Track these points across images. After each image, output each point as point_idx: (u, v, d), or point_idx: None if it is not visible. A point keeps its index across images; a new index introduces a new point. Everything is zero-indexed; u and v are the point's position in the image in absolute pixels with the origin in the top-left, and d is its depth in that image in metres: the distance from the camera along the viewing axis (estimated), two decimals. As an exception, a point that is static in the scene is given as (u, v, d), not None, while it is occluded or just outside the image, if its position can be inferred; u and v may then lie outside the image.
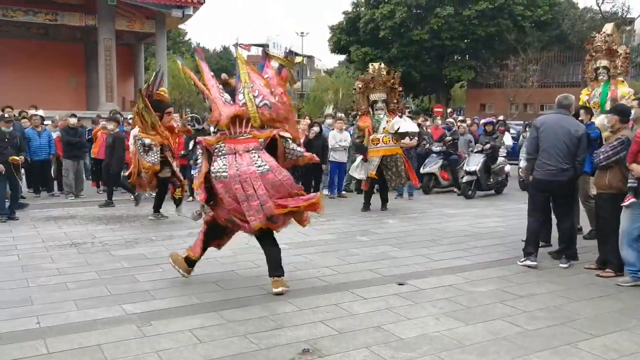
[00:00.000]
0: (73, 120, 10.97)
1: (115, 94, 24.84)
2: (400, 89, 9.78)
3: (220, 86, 5.23)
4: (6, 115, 9.46)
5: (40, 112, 11.86)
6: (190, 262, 5.37)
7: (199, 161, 5.32)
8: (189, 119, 11.31)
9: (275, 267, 5.06)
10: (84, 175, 11.44)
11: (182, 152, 10.01)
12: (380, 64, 9.97)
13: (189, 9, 24.91)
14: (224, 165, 4.94)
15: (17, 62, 24.98)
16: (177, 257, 5.43)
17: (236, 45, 7.02)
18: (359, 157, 9.82)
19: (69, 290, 5.12)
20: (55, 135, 11.19)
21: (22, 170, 10.01)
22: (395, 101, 9.74)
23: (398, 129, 9.43)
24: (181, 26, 37.83)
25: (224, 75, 5.40)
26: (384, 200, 9.80)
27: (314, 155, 5.47)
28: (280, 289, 4.96)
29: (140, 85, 26.90)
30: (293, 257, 6.33)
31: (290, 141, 5.15)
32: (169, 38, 29.05)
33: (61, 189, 11.26)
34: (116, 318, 4.41)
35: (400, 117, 9.62)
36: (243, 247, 6.81)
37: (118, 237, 7.38)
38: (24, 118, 11.00)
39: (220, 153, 5.02)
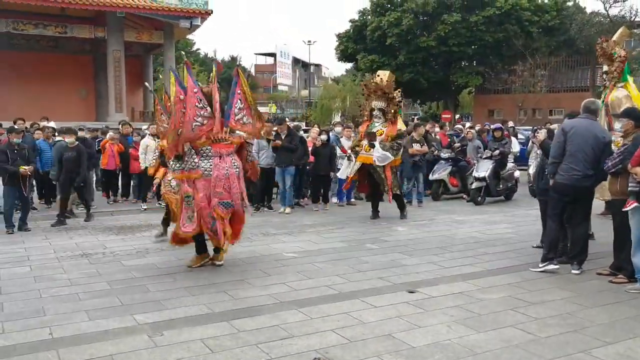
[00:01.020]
0: (80, 134, 11.03)
1: (124, 104, 25.09)
2: (398, 99, 9.57)
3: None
4: (16, 126, 9.59)
5: (52, 124, 11.96)
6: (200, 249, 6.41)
7: (192, 161, 6.10)
8: None
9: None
10: (94, 186, 11.49)
11: None
12: (374, 74, 10.02)
13: (196, 19, 25.16)
14: (210, 166, 6.02)
15: (28, 74, 25.32)
16: (193, 260, 6.36)
17: (237, 69, 7.51)
18: (345, 159, 9.94)
19: (81, 300, 5.15)
20: (65, 146, 11.27)
21: (34, 182, 10.11)
22: (392, 111, 9.52)
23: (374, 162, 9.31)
24: (189, 36, 38.09)
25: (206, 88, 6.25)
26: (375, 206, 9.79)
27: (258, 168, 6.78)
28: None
29: (148, 96, 27.15)
30: (303, 266, 6.34)
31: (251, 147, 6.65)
32: (177, 49, 29.27)
33: (72, 199, 11.32)
34: (128, 328, 4.43)
35: (374, 147, 9.24)
36: (253, 256, 6.84)
37: (129, 247, 7.41)
38: (37, 130, 11.08)
39: (205, 155, 6.03)
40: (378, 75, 9.69)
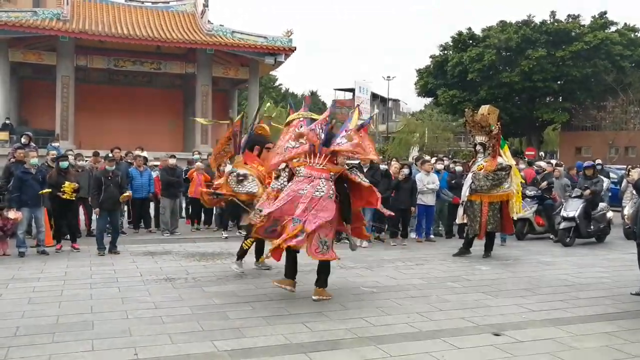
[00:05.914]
0: (172, 161, 11.58)
1: (209, 136, 26.12)
2: (495, 132, 9.19)
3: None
4: (112, 155, 10.22)
5: (144, 154, 12.64)
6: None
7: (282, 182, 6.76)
8: None
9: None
10: (179, 213, 11.95)
11: None
12: (470, 109, 9.79)
13: (280, 56, 26.08)
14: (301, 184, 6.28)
15: (125, 107, 27.31)
16: (281, 281, 6.38)
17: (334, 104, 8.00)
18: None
19: (164, 324, 5.28)
20: (154, 175, 11.86)
21: (124, 207, 10.69)
22: (491, 145, 9.24)
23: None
24: (272, 72, 39.52)
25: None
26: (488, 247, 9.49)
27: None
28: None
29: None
30: (382, 301, 6.21)
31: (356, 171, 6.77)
32: (261, 84, 30.48)
33: (158, 225, 11.83)
34: (208, 354, 4.48)
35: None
36: (330, 288, 6.77)
37: (210, 274, 7.58)
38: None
39: (298, 174, 6.41)
40: (474, 111, 9.56)
